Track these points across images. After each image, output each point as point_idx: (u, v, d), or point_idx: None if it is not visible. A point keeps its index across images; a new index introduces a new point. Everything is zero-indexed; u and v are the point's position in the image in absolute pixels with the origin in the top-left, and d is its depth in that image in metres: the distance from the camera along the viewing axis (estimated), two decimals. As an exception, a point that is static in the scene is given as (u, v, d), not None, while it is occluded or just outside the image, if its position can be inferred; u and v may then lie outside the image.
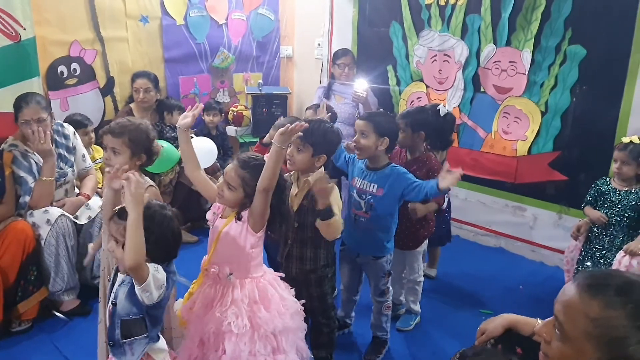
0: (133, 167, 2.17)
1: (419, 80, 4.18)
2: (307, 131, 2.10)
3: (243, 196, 1.90)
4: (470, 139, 3.96)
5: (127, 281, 1.68)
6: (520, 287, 3.41)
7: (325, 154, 2.16)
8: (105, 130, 2.17)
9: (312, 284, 2.27)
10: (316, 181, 2.05)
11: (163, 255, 1.69)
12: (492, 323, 1.79)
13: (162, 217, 1.68)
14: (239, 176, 1.89)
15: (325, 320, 2.33)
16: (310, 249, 2.23)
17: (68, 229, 2.87)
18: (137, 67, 4.12)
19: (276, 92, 4.73)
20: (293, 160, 2.15)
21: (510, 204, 3.85)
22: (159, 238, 1.65)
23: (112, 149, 2.13)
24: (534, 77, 3.54)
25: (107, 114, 4.03)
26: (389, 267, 2.55)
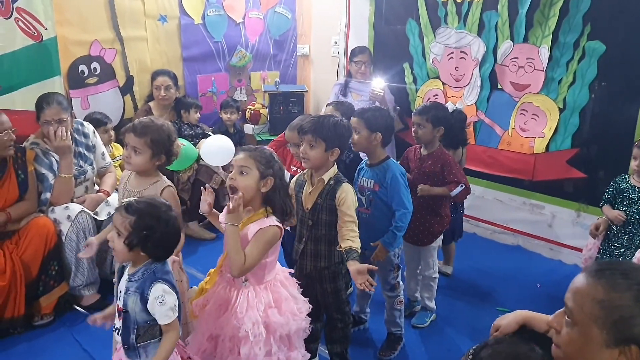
0: (151, 167, 2.21)
1: (435, 77, 4.16)
2: (317, 126, 2.14)
3: (258, 177, 1.90)
4: (487, 136, 3.92)
5: (132, 289, 1.68)
6: (538, 285, 3.38)
7: (338, 147, 2.17)
8: (128, 128, 2.19)
9: (326, 280, 2.28)
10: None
11: (163, 254, 1.73)
12: (506, 319, 1.79)
13: (167, 217, 1.70)
14: (250, 155, 1.92)
15: (340, 315, 2.34)
16: (324, 246, 2.23)
17: (88, 224, 2.92)
18: (156, 66, 4.17)
19: (293, 90, 4.75)
20: (307, 157, 2.16)
21: (527, 202, 3.81)
22: (162, 237, 1.68)
23: (134, 148, 2.16)
24: (552, 74, 3.50)
25: (126, 113, 4.08)
26: (397, 260, 2.55)
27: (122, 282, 1.75)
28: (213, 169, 3.92)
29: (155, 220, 1.66)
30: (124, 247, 1.66)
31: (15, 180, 2.81)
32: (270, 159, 1.95)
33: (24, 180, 2.84)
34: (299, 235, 2.28)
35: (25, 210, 2.84)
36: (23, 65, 3.25)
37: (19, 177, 2.83)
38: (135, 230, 1.64)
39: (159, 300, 1.64)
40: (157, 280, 1.67)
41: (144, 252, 1.68)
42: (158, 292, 1.65)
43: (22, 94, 3.26)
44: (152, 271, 1.70)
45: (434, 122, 2.71)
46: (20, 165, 2.84)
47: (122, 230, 1.65)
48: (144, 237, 1.65)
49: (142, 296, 1.66)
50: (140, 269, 1.70)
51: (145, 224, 1.65)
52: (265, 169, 1.91)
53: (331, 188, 2.17)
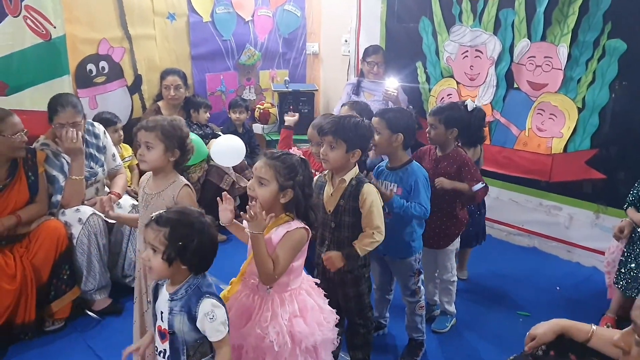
0: (166, 163, 2.15)
1: (449, 76, 4.10)
2: (338, 127, 2.09)
3: (277, 189, 1.83)
4: (502, 136, 3.86)
5: (177, 308, 1.60)
6: (557, 288, 3.33)
7: (359, 149, 2.11)
8: (138, 127, 2.15)
9: (348, 284, 2.22)
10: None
11: (202, 264, 1.63)
12: (542, 328, 1.72)
13: (201, 225, 1.61)
14: (270, 166, 1.83)
15: (362, 320, 2.28)
16: (347, 250, 2.16)
17: (100, 227, 2.86)
18: (165, 64, 4.11)
19: (303, 89, 4.70)
20: (327, 158, 2.10)
21: (544, 203, 3.75)
22: (198, 246, 1.58)
23: (146, 144, 2.11)
24: (571, 73, 3.43)
25: (134, 112, 4.02)
26: (418, 265, 2.50)
27: (162, 302, 1.66)
28: (224, 170, 3.86)
29: (190, 228, 1.58)
30: (162, 263, 1.56)
31: (26, 182, 2.76)
32: (293, 168, 1.85)
33: (34, 182, 2.78)
34: (321, 238, 2.22)
35: (35, 212, 2.78)
36: (32, 64, 3.19)
37: (29, 179, 2.77)
38: (171, 243, 1.55)
39: (209, 317, 1.56)
40: (203, 295, 1.59)
41: (184, 265, 1.58)
42: (207, 308, 1.57)
43: (31, 94, 3.20)
44: (197, 286, 1.61)
45: (447, 123, 2.65)
46: (30, 166, 2.78)
47: (158, 245, 1.56)
48: (182, 248, 1.55)
49: (190, 314, 1.58)
50: (182, 286, 1.62)
51: (180, 234, 1.56)
52: (285, 181, 1.83)
53: (353, 189, 2.11)
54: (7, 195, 2.69)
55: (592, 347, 1.64)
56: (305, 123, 4.44)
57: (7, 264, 2.59)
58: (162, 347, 1.66)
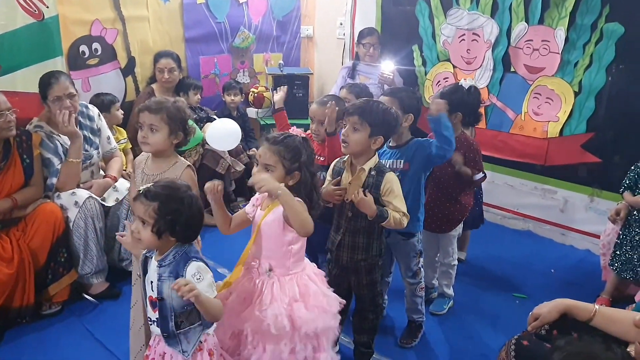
0: (169, 146, 2.14)
1: (445, 60, 4.09)
2: (366, 109, 2.06)
3: (283, 174, 1.83)
4: (498, 120, 3.88)
5: (166, 274, 1.65)
6: (552, 270, 3.37)
7: (382, 136, 2.09)
8: (142, 108, 2.14)
9: (362, 272, 2.21)
10: (354, 198, 2.00)
11: (189, 235, 1.70)
12: (546, 307, 1.74)
13: (189, 199, 1.67)
14: (275, 152, 1.83)
15: (372, 307, 2.29)
16: (362, 239, 2.16)
17: (96, 211, 2.84)
18: (158, 46, 4.05)
19: (297, 72, 4.67)
20: (348, 140, 2.07)
21: (539, 187, 3.78)
22: (188, 218, 1.65)
23: (150, 126, 2.10)
24: (568, 56, 3.44)
25: (128, 95, 3.97)
26: (420, 246, 2.51)
27: (152, 272, 1.69)
28: (219, 154, 3.84)
29: (179, 202, 1.64)
30: (152, 235, 1.62)
31: (21, 165, 2.72)
32: (297, 150, 1.86)
33: (29, 165, 2.74)
34: (337, 226, 2.21)
35: (31, 196, 2.74)
36: (24, 44, 3.12)
37: (24, 161, 2.73)
38: (161, 216, 1.60)
39: (196, 277, 1.62)
40: (190, 259, 1.66)
41: (173, 237, 1.65)
42: (194, 270, 1.63)
43: (23, 75, 3.14)
44: (184, 252, 1.67)
45: (451, 107, 2.64)
46: (25, 149, 2.74)
47: (147, 218, 1.61)
48: (171, 222, 1.62)
49: (177, 278, 1.62)
50: (170, 253, 1.67)
51: (169, 208, 1.62)
52: (291, 164, 1.84)
53: (374, 179, 2.09)
54: (2, 179, 2.65)
55: (595, 326, 1.66)
56: (300, 107, 4.50)
57: (3, 247, 2.57)
58: (154, 317, 1.71)
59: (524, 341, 1.70)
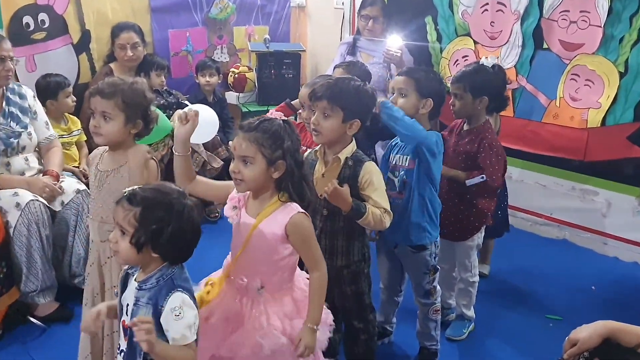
0: (126, 137, 2.14)
1: (465, 35, 4.11)
2: (334, 91, 2.07)
3: (265, 165, 1.82)
4: (528, 107, 3.89)
5: (144, 300, 1.60)
6: (593, 287, 3.39)
7: (358, 119, 2.10)
8: (92, 91, 2.12)
9: (345, 281, 2.24)
10: (326, 189, 2.00)
11: (178, 254, 1.63)
12: (585, 332, 1.74)
13: (181, 207, 1.60)
14: (252, 141, 1.81)
15: (362, 324, 2.31)
16: (341, 242, 2.18)
17: (42, 215, 2.83)
18: (118, 18, 4.05)
19: (287, 49, 4.69)
20: (319, 129, 2.08)
21: (577, 187, 3.81)
22: (175, 233, 1.57)
23: (103, 114, 2.08)
24: (612, 30, 3.46)
25: (82, 76, 3.99)
26: (434, 261, 2.52)
27: (129, 292, 1.67)
28: (193, 147, 3.82)
29: (167, 210, 1.57)
30: (130, 247, 1.56)
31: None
32: (277, 135, 1.83)
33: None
34: None
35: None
36: (-46, 15, 3.13)
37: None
38: (143, 225, 1.55)
39: (176, 313, 1.56)
40: (175, 288, 1.60)
41: (155, 253, 1.59)
42: (176, 303, 1.57)
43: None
44: (170, 277, 1.61)
45: (475, 90, 2.64)
46: None
47: (126, 226, 1.56)
48: (154, 233, 1.55)
49: (156, 308, 1.58)
50: (154, 275, 1.62)
51: (154, 216, 1.55)
52: (273, 152, 1.81)
53: (351, 170, 2.11)
54: None
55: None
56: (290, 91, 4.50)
57: None
58: (123, 346, 1.67)
59: (559, 371, 1.70)
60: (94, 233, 2.21)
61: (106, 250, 2.14)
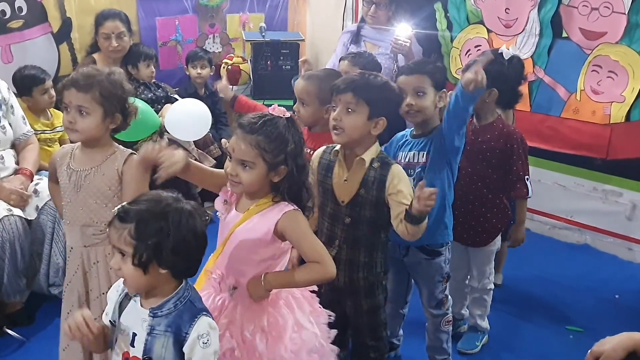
0: (103, 133, 2.13)
1: (478, 22, 4.12)
2: (361, 84, 2.06)
3: (266, 170, 1.82)
4: (546, 101, 3.90)
5: (161, 327, 1.57)
6: (617, 296, 3.40)
7: (384, 117, 2.08)
8: (66, 83, 2.10)
9: (361, 293, 2.22)
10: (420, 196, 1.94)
11: (186, 265, 1.59)
12: (609, 344, 1.74)
13: (177, 214, 1.55)
14: (253, 144, 1.79)
15: (374, 342, 2.29)
16: (363, 253, 2.17)
17: (17, 230, 2.84)
18: (102, 5, 4.07)
19: (284, 38, 4.70)
20: (341, 126, 2.07)
21: (600, 187, 3.81)
22: (176, 242, 1.53)
23: (78, 108, 2.07)
24: (637, 18, 3.46)
25: (62, 68, 4.01)
26: (447, 268, 2.52)
27: (134, 321, 1.61)
28: (182, 145, 3.82)
29: (163, 220, 1.52)
30: (135, 270, 1.51)
31: None
32: (281, 139, 1.82)
33: None
34: (329, 237, 2.20)
35: None
36: None
37: None
38: (141, 241, 1.50)
39: (204, 341, 1.54)
40: (200, 312, 1.58)
41: (163, 269, 1.54)
42: (203, 329, 1.55)
43: None
44: (189, 300, 1.59)
45: None
46: None
47: (124, 247, 1.51)
48: (155, 247, 1.50)
49: (178, 336, 1.55)
50: (170, 299, 1.58)
51: (150, 229, 1.50)
52: (275, 157, 1.80)
53: (377, 174, 2.09)
54: None
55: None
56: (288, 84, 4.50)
57: None
58: None
59: (582, 387, 1.70)
60: (74, 239, 2.19)
61: (91, 256, 2.14)
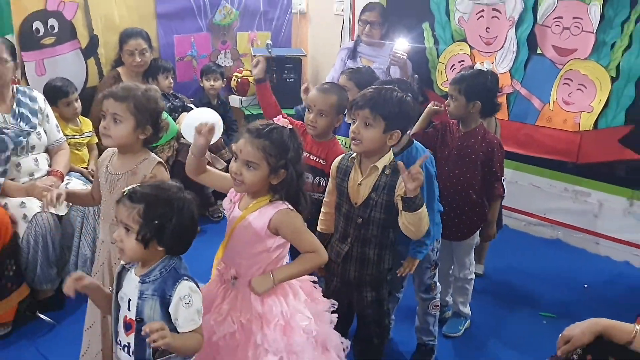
0: (134, 141, 2.13)
1: (461, 40, 4.11)
2: (379, 100, 2.04)
3: (268, 172, 1.83)
4: (523, 110, 3.89)
5: (149, 292, 1.63)
6: (585, 285, 3.39)
7: (399, 130, 2.08)
8: (106, 94, 2.12)
9: (367, 286, 2.21)
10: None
11: (180, 246, 1.67)
12: (578, 329, 1.74)
13: (180, 202, 1.64)
14: (259, 148, 1.81)
15: (378, 329, 2.29)
16: (374, 250, 2.16)
17: (49, 226, 2.82)
18: (125, 23, 4.04)
19: (288, 54, 4.67)
20: (359, 138, 2.05)
21: (570, 188, 3.80)
22: (177, 226, 1.61)
23: (113, 116, 2.08)
24: (604, 36, 3.46)
25: (90, 80, 3.96)
26: (435, 256, 2.52)
27: (130, 288, 1.68)
28: (197, 149, 3.83)
29: (168, 205, 1.61)
30: (137, 244, 1.59)
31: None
32: (284, 146, 1.84)
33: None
34: (343, 235, 2.20)
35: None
36: (-32, 20, 3.13)
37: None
38: (147, 221, 1.58)
39: (185, 302, 1.61)
40: (181, 277, 1.64)
41: (161, 246, 1.62)
42: (184, 291, 1.61)
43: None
44: (173, 267, 1.65)
45: (469, 94, 2.63)
46: None
47: (131, 224, 1.59)
48: (158, 228, 1.59)
49: (163, 299, 1.61)
50: (156, 267, 1.65)
51: (157, 212, 1.59)
52: (277, 161, 1.82)
53: (388, 179, 2.08)
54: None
55: (636, 349, 1.66)
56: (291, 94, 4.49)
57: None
58: (125, 341, 1.68)
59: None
60: (104, 234, 2.20)
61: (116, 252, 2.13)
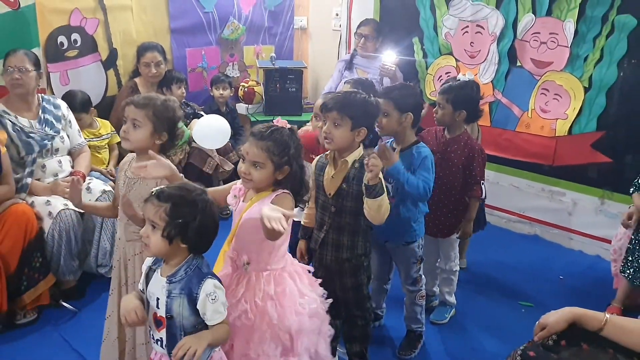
0: (151, 146, 2.12)
1: (448, 53, 4.10)
2: (344, 103, 2.09)
3: (273, 169, 1.87)
4: (504, 117, 3.88)
5: (175, 293, 1.63)
6: (560, 277, 3.38)
7: (365, 127, 2.10)
8: (128, 101, 2.13)
9: (347, 274, 2.23)
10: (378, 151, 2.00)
11: (202, 244, 1.67)
12: (553, 317, 1.73)
13: (204, 203, 1.64)
14: (263, 148, 1.85)
15: (360, 312, 2.29)
16: (347, 237, 2.18)
17: (72, 222, 2.83)
18: (142, 38, 4.03)
19: (290, 66, 4.66)
20: (331, 137, 2.09)
21: (547, 188, 3.79)
22: (200, 225, 1.62)
23: (133, 121, 2.08)
24: (577, 50, 3.45)
25: (109, 89, 3.95)
26: (420, 252, 2.52)
27: (156, 287, 1.68)
28: (207, 152, 3.83)
29: (192, 206, 1.61)
30: (162, 240, 1.60)
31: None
32: (285, 144, 1.88)
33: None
34: (320, 223, 2.23)
35: (2, 195, 2.71)
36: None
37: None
38: (173, 219, 1.58)
39: (212, 298, 1.61)
40: (205, 276, 1.64)
41: (184, 244, 1.62)
42: (209, 289, 1.62)
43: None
44: (197, 267, 1.65)
45: (456, 103, 2.63)
46: None
47: (158, 221, 1.59)
48: (183, 226, 1.59)
49: (191, 296, 1.61)
50: (181, 267, 1.65)
51: (182, 211, 1.60)
52: (280, 159, 1.86)
53: (357, 172, 2.11)
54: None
55: (606, 336, 1.65)
56: (293, 103, 4.50)
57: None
58: (158, 336, 1.69)
59: (530, 352, 1.69)
60: (120, 232, 2.19)
61: (130, 250, 2.13)
